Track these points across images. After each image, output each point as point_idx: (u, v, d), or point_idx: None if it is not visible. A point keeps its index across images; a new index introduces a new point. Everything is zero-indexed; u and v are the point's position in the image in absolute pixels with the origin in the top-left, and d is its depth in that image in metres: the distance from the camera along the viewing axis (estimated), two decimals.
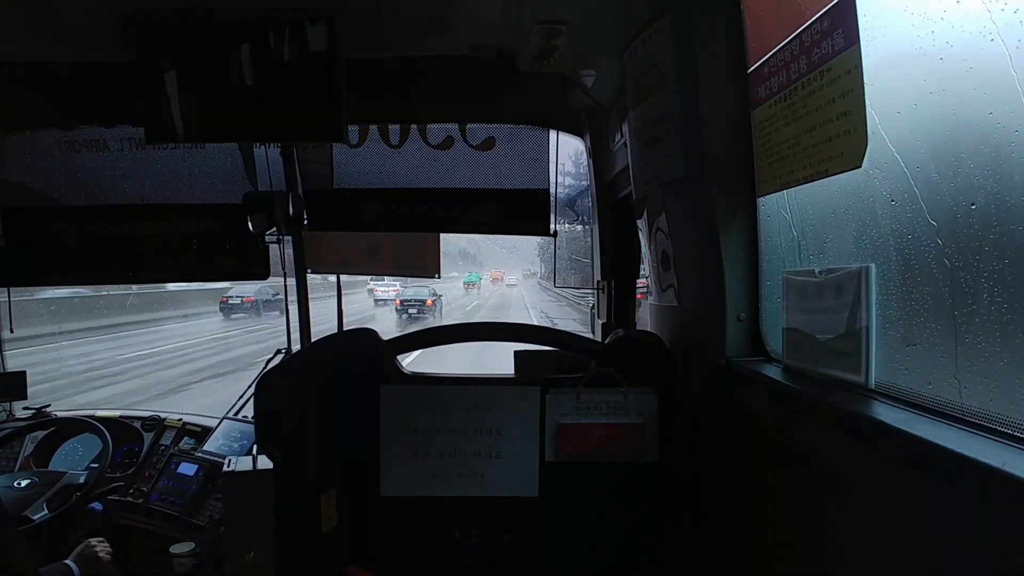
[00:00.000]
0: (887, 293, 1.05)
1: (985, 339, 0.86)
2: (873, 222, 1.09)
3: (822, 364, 1.18)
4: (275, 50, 1.79)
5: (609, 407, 1.68)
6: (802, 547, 1.23)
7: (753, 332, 1.47)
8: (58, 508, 2.01)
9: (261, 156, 2.29)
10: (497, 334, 1.78)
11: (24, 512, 1.99)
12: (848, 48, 1.01)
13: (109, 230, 2.38)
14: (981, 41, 0.83)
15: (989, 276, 0.85)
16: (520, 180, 2.37)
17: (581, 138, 2.52)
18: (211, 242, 2.40)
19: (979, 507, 0.72)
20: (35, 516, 1.97)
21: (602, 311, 2.54)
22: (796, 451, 1.22)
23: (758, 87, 1.31)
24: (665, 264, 1.73)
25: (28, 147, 2.37)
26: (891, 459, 0.88)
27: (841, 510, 1.07)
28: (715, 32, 1.41)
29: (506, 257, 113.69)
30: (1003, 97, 0.81)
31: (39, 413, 2.49)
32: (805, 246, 1.31)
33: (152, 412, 2.54)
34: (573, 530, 1.70)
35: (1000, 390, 0.83)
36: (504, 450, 1.69)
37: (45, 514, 2.00)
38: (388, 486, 1.69)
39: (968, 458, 0.74)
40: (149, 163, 2.40)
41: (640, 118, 1.72)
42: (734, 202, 1.43)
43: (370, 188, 2.42)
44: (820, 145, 1.10)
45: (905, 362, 1.02)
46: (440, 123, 2.36)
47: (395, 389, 1.70)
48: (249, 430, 2.31)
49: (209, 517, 2.11)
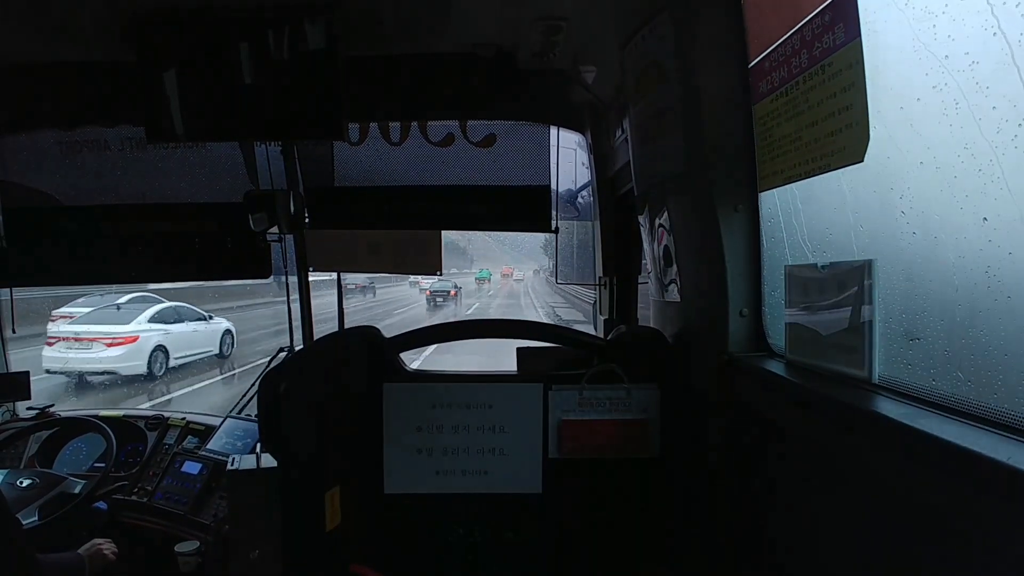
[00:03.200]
0: (890, 287, 1.05)
1: (988, 333, 0.86)
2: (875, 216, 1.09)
3: (825, 359, 1.18)
4: (275, 48, 1.79)
5: (612, 403, 1.68)
6: (805, 542, 1.23)
7: (755, 327, 1.47)
8: (48, 517, 2.02)
9: (262, 155, 2.29)
10: (499, 331, 1.78)
11: (16, 515, 2.00)
12: (849, 42, 1.01)
13: (111, 230, 2.38)
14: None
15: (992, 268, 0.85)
16: (521, 177, 2.37)
17: (582, 134, 2.52)
18: (213, 241, 2.40)
19: (983, 501, 0.72)
20: (25, 521, 1.97)
21: (604, 307, 2.54)
22: (799, 446, 1.22)
23: (759, 82, 1.31)
24: (667, 260, 1.73)
25: (29, 147, 2.38)
26: (894, 454, 0.88)
27: (844, 505, 1.07)
28: (715, 27, 1.40)
29: (501, 251, 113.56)
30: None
31: (43, 413, 2.50)
32: (806, 240, 1.31)
33: (155, 411, 2.55)
34: (576, 526, 1.70)
35: (1004, 384, 0.83)
36: (507, 447, 1.70)
37: (34, 520, 2.00)
38: (392, 483, 1.69)
39: (973, 452, 0.74)
40: (150, 163, 2.40)
41: (641, 114, 1.71)
42: (736, 197, 1.43)
43: (371, 186, 2.42)
44: (822, 140, 1.10)
45: (908, 356, 1.01)
46: (441, 120, 2.35)
47: (398, 387, 1.70)
48: (252, 428, 2.32)
49: (213, 516, 2.12)
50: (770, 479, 1.35)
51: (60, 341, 10.17)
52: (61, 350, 10.07)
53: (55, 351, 10.00)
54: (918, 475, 0.84)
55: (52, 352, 9.87)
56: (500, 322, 1.81)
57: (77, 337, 10.25)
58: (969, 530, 0.76)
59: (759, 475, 1.39)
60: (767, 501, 1.37)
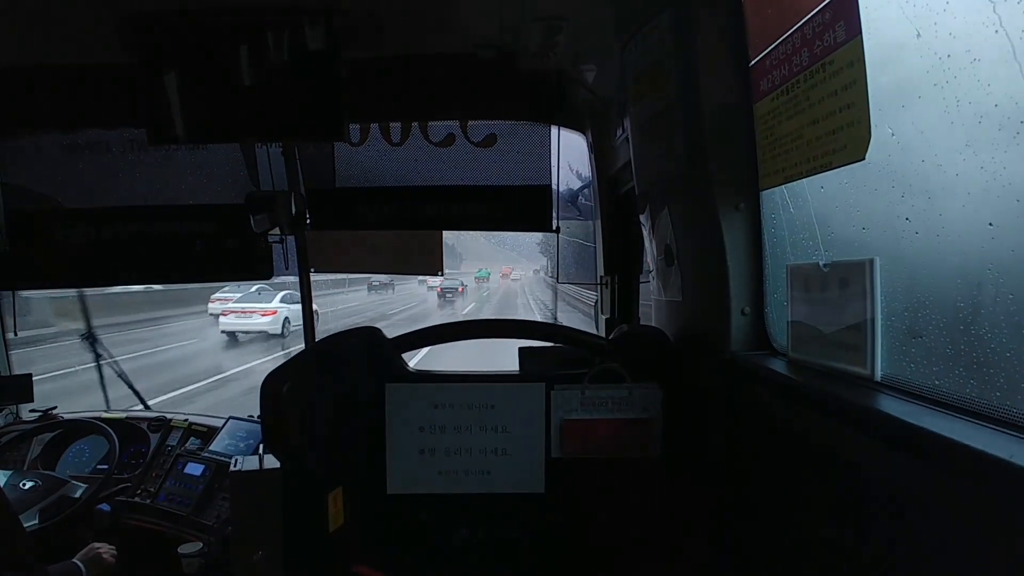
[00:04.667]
0: (892, 285, 1.05)
1: (991, 330, 0.86)
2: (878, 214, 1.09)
3: (827, 357, 1.18)
4: (275, 50, 1.79)
5: (614, 403, 1.68)
6: (808, 541, 1.23)
7: (757, 326, 1.47)
8: (48, 520, 2.03)
9: (263, 156, 2.29)
10: (501, 331, 1.78)
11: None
12: (850, 40, 1.01)
13: (112, 232, 2.38)
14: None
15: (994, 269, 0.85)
16: (522, 176, 2.37)
17: (583, 134, 2.52)
18: (214, 242, 2.40)
19: (987, 499, 0.72)
20: (25, 524, 1.97)
21: (606, 306, 2.54)
22: (802, 444, 1.22)
23: (760, 80, 1.31)
24: (668, 259, 1.73)
25: (31, 150, 2.38)
26: (897, 452, 0.88)
27: (847, 503, 1.07)
28: (716, 26, 1.40)
29: (491, 250, 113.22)
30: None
31: (46, 415, 2.51)
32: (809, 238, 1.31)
33: (158, 413, 2.56)
34: (579, 526, 1.70)
35: (1007, 381, 0.83)
36: (509, 447, 1.70)
37: (35, 524, 2.01)
38: (394, 484, 1.70)
39: (976, 450, 0.74)
40: (151, 164, 2.40)
41: (641, 113, 1.71)
42: (737, 196, 1.43)
43: (372, 187, 2.42)
44: (823, 138, 1.10)
45: (911, 354, 1.01)
46: (441, 121, 2.35)
47: (400, 387, 1.70)
48: (255, 429, 2.32)
49: (216, 517, 2.12)
50: (773, 477, 1.35)
51: (232, 313, 16.41)
52: (232, 318, 16.44)
53: (228, 319, 16.35)
54: (921, 473, 0.84)
55: (226, 319, 16.18)
56: (502, 322, 1.81)
57: (244, 310, 16.39)
58: (973, 528, 0.76)
59: (762, 473, 1.39)
60: (770, 499, 1.37)
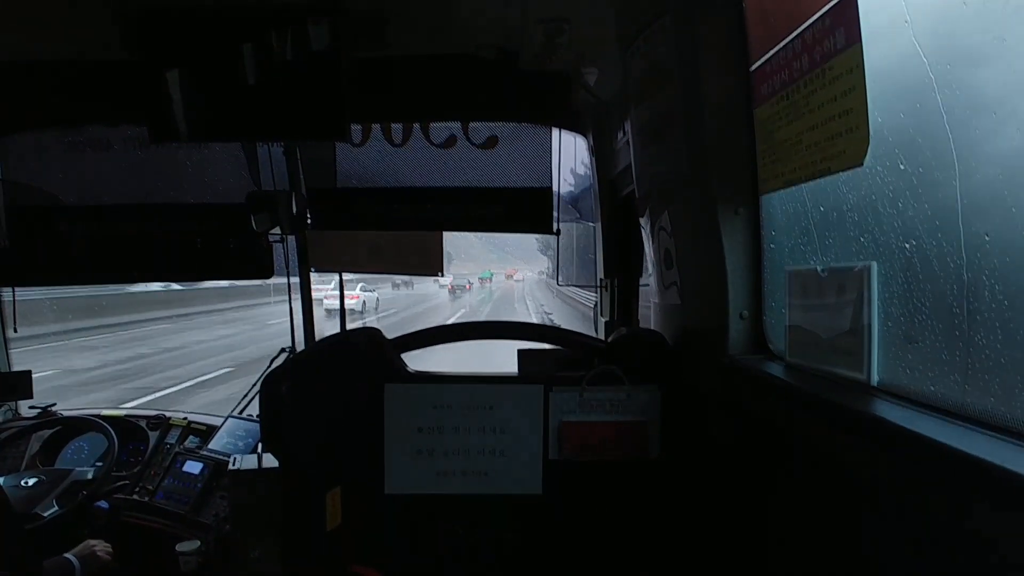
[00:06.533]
0: (889, 290, 1.05)
1: (987, 336, 0.86)
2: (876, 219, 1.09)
3: (824, 361, 1.18)
4: (278, 49, 1.80)
5: (612, 405, 1.68)
6: (805, 544, 1.23)
7: (756, 329, 1.47)
8: (68, 504, 2.03)
9: (264, 155, 2.29)
10: (501, 332, 1.79)
11: (34, 509, 2.01)
12: (849, 47, 1.01)
13: (113, 230, 2.39)
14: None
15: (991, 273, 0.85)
16: (523, 178, 2.38)
17: (584, 136, 2.52)
18: (215, 241, 2.40)
19: (982, 504, 0.73)
20: (46, 513, 1.99)
21: (605, 309, 2.54)
22: (798, 448, 1.22)
23: (760, 85, 1.31)
24: (668, 262, 1.73)
25: (32, 147, 2.38)
26: (893, 456, 0.88)
27: (843, 508, 1.07)
28: (717, 30, 1.41)
29: (487, 252, 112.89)
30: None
31: (45, 412, 2.51)
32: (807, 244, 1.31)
33: (157, 411, 2.56)
34: (576, 528, 1.70)
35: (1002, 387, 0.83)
36: (508, 448, 1.70)
37: (56, 510, 2.01)
38: (393, 484, 1.70)
39: (971, 455, 0.74)
40: (153, 162, 2.40)
41: (642, 116, 1.72)
42: (736, 200, 1.43)
43: (373, 187, 2.42)
44: (822, 143, 1.10)
45: (907, 359, 1.02)
46: (443, 122, 2.36)
47: (399, 387, 1.70)
48: (254, 428, 2.32)
49: (214, 515, 2.12)
50: (770, 481, 1.36)
51: (330, 297, 17.90)
52: (333, 300, 17.89)
53: (330, 301, 17.87)
54: (917, 477, 0.84)
55: (328, 301, 17.91)
56: (502, 324, 1.81)
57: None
58: (968, 533, 0.76)
59: (759, 477, 1.40)
60: (767, 503, 1.37)
